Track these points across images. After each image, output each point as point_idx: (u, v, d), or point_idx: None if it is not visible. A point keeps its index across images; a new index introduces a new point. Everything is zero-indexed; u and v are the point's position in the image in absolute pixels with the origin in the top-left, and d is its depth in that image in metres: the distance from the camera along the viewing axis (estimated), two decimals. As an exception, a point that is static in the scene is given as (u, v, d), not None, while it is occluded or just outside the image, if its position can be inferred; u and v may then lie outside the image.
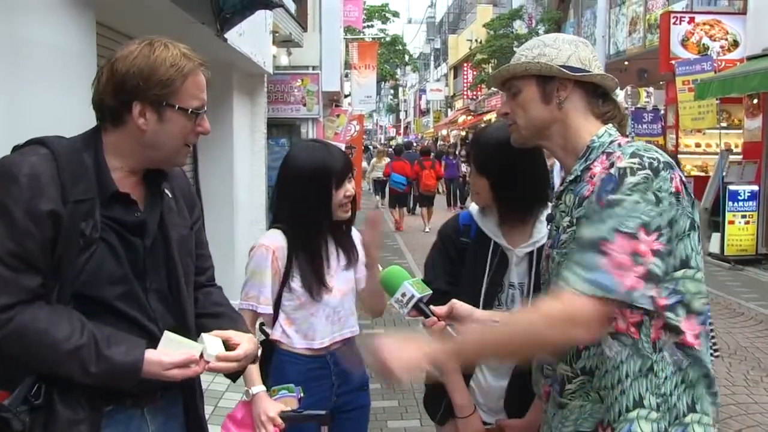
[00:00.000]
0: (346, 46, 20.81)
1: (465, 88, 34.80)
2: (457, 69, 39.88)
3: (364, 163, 19.92)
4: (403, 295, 1.94)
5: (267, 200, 7.79)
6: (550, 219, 1.79)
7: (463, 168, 17.92)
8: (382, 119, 72.00)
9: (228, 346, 1.71)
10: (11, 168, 1.50)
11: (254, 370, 2.21)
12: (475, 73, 30.59)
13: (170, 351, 1.60)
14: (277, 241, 2.39)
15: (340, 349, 2.45)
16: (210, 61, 1.69)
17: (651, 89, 13.70)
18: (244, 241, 6.46)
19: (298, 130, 10.88)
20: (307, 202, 2.37)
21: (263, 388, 2.26)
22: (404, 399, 4.91)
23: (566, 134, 1.69)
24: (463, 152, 19.99)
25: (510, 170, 2.11)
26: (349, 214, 2.43)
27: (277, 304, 2.39)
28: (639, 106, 13.30)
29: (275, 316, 2.40)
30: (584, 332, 1.48)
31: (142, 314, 1.65)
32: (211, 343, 1.67)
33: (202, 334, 1.70)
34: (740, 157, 11.10)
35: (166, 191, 1.76)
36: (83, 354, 1.51)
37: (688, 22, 12.36)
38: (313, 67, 11.88)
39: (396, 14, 33.69)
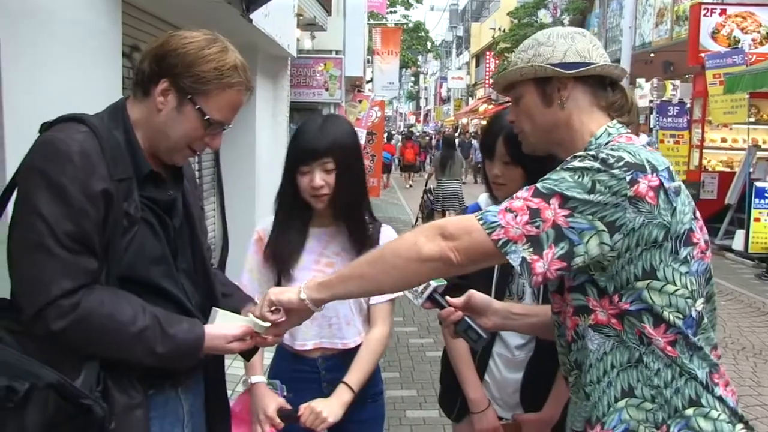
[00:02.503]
0: (370, 32, 20.69)
1: (487, 77, 34.54)
2: (479, 57, 39.59)
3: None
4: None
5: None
6: None
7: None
8: (402, 106, 71.75)
9: None
10: (62, 146, 1.45)
11: (257, 358, 2.13)
12: (497, 61, 30.35)
13: (227, 325, 1.62)
14: (268, 226, 2.28)
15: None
16: (234, 42, 1.66)
17: (677, 82, 13.45)
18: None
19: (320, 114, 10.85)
20: (282, 184, 2.24)
21: (263, 378, 2.16)
22: (423, 389, 4.90)
23: (571, 136, 1.59)
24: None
25: (548, 157, 2.03)
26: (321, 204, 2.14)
27: None
28: (665, 99, 13.08)
29: None
30: (449, 243, 1.41)
31: (182, 293, 1.65)
32: (255, 319, 1.68)
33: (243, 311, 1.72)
34: (768, 153, 10.91)
35: None
36: (148, 335, 1.50)
37: (720, 14, 12.12)
38: (336, 52, 11.83)
39: (419, 1, 33.47)
